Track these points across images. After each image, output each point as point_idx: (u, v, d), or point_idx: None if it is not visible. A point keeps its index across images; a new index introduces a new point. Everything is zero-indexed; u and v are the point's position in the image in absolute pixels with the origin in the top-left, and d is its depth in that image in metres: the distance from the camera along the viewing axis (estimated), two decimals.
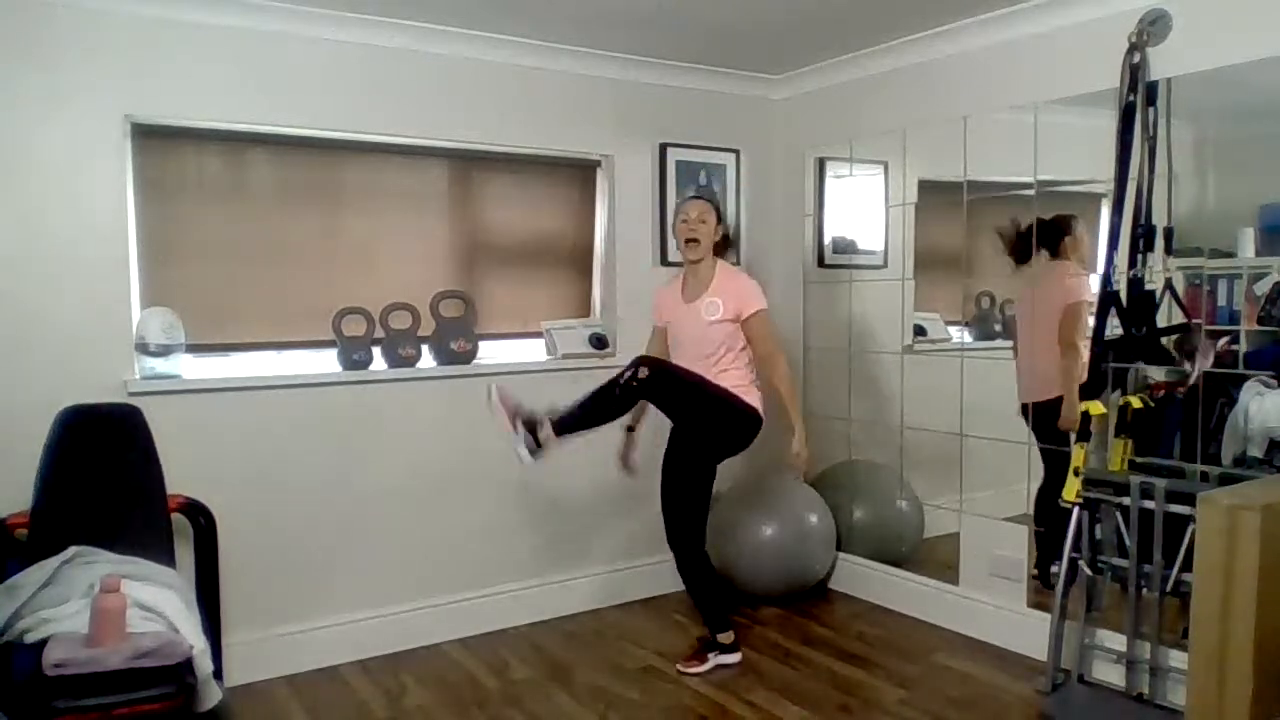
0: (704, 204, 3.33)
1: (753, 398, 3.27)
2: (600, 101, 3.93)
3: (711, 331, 3.23)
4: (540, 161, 3.92)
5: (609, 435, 3.85)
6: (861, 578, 4.08)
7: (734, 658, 3.37)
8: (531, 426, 3.04)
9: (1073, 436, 3.04)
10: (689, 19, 3.40)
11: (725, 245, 3.40)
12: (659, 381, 3.12)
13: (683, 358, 3.30)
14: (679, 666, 3.31)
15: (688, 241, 3.28)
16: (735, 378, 3.25)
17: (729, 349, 3.24)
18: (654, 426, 3.44)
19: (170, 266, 3.20)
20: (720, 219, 3.34)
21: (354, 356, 3.45)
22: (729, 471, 4.17)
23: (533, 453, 3.04)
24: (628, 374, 3.09)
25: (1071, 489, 2.96)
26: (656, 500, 3.36)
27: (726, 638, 3.36)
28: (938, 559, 3.80)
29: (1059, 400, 3.25)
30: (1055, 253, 3.33)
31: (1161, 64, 2.91)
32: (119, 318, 3.02)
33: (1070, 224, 3.30)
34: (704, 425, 3.24)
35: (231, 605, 3.08)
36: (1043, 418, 3.32)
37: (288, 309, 3.44)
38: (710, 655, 3.34)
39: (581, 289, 4.12)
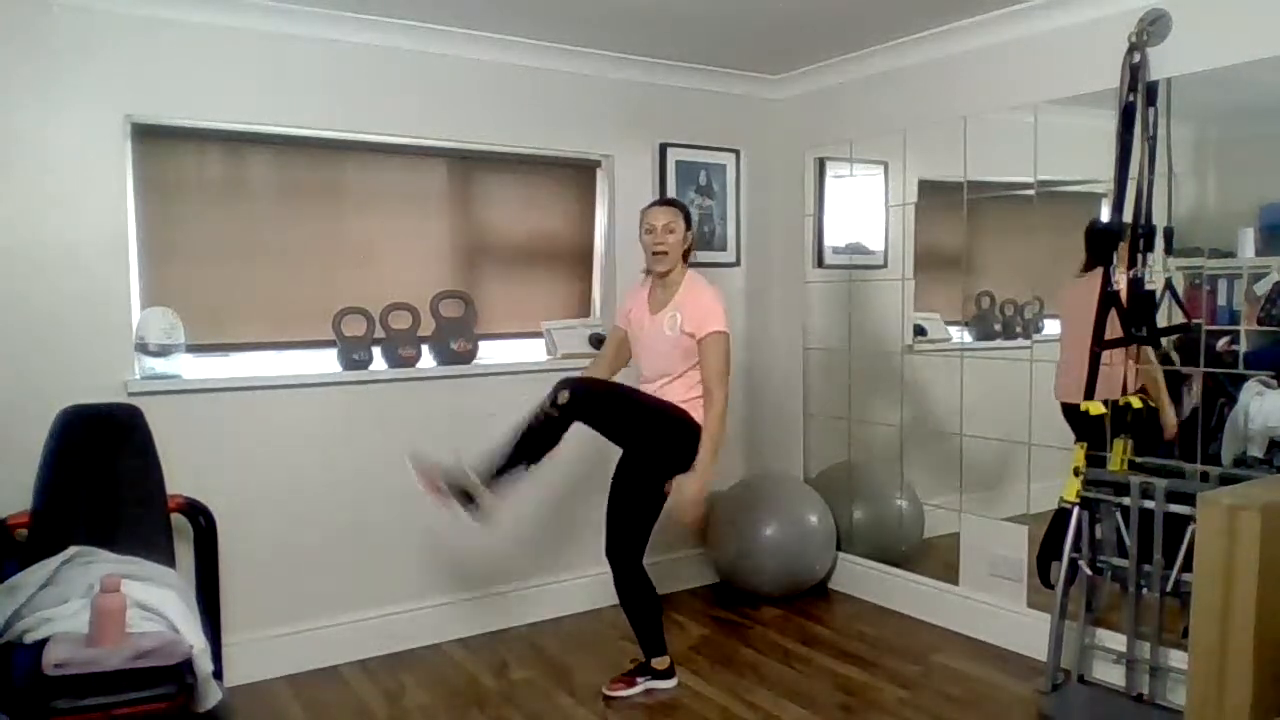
0: (671, 210, 3.11)
1: (700, 414, 3.03)
2: (600, 101, 3.92)
3: (672, 347, 3.02)
4: (540, 161, 3.91)
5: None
6: (861, 578, 4.08)
7: (668, 684, 3.17)
8: (463, 492, 2.88)
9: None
10: (689, 19, 3.40)
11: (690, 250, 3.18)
12: (585, 403, 2.91)
13: (644, 372, 3.13)
14: (605, 690, 3.12)
15: (655, 254, 3.06)
16: (683, 392, 3.02)
17: (690, 366, 3.02)
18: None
19: (170, 266, 3.20)
20: (689, 225, 3.13)
21: (354, 356, 3.45)
22: (729, 472, 4.19)
23: (474, 514, 2.90)
24: (547, 401, 2.88)
25: (1071, 489, 2.97)
26: None
27: (661, 663, 3.17)
28: (938, 559, 3.80)
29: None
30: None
31: (1161, 64, 2.91)
32: (119, 318, 3.03)
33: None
34: (646, 441, 3.03)
35: (231, 605, 3.08)
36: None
37: (288, 309, 3.44)
38: (641, 679, 3.15)
39: (581, 289, 4.12)
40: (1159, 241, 2.94)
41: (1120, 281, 2.96)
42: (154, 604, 2.36)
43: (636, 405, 3.05)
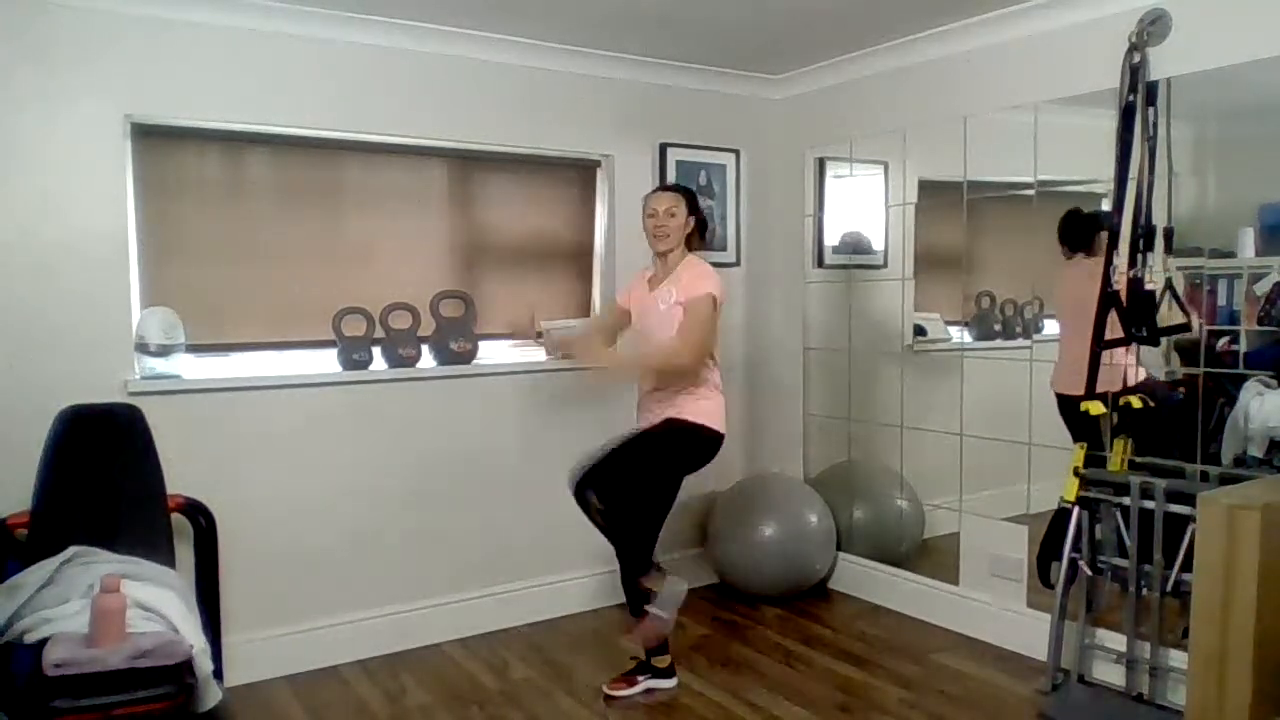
0: (673, 195, 3.17)
1: (702, 410, 3.07)
2: (600, 101, 3.92)
3: (667, 321, 3.08)
4: (540, 161, 3.91)
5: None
6: (861, 578, 4.08)
7: (669, 683, 3.18)
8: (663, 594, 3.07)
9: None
10: (689, 19, 3.40)
11: (702, 233, 3.24)
12: (605, 476, 3.06)
13: (646, 349, 3.21)
14: (605, 689, 3.13)
15: (656, 236, 3.13)
16: (684, 381, 3.07)
17: None
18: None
19: (170, 266, 3.20)
20: (691, 209, 3.16)
21: (354, 356, 3.45)
22: (729, 472, 4.18)
23: (673, 583, 3.09)
24: (590, 512, 3.09)
25: (1071, 489, 2.97)
26: None
27: (662, 661, 3.19)
28: (938, 559, 3.80)
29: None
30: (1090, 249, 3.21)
31: (1161, 64, 2.91)
32: (119, 318, 3.02)
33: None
34: (657, 460, 3.09)
35: (231, 605, 3.08)
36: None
37: (288, 309, 3.44)
38: (642, 678, 3.16)
39: (581, 289, 4.12)
40: (1159, 241, 2.94)
41: (1120, 281, 2.96)
42: (154, 604, 2.37)
43: (643, 444, 3.10)
